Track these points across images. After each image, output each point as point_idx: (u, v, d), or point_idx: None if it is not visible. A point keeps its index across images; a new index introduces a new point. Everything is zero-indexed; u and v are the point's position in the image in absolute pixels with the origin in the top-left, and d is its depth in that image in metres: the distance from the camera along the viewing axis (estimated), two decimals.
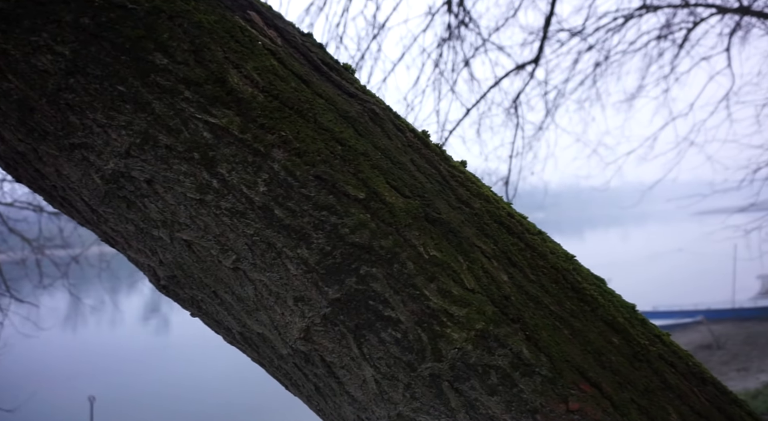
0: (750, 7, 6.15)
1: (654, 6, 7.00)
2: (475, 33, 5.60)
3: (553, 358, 0.57)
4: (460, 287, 0.57)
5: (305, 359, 0.58)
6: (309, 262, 0.55)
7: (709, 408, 0.63)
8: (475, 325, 0.56)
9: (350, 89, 0.65)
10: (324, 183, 0.56)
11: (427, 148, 0.67)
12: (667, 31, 7.18)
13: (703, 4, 6.84)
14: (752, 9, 6.26)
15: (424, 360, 0.55)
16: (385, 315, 0.55)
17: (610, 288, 0.73)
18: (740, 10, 6.53)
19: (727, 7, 6.61)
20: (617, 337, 0.63)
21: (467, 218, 0.62)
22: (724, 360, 10.68)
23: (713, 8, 6.87)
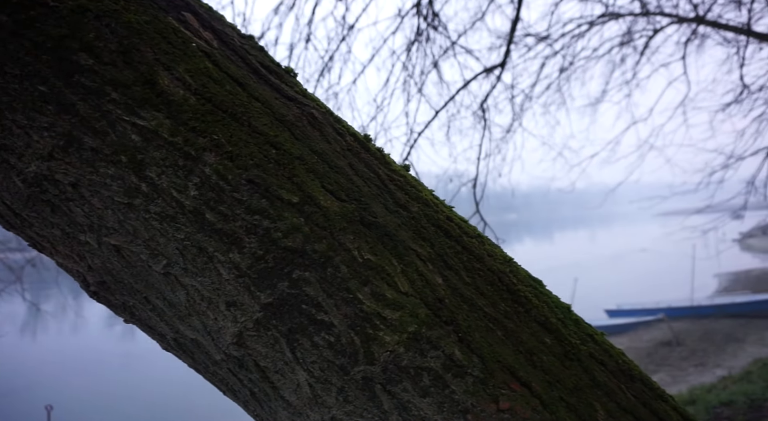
0: (704, 16, 6.43)
1: (616, 14, 7.24)
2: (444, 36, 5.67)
3: (485, 359, 0.59)
4: (394, 290, 0.58)
5: (239, 364, 0.58)
6: (241, 266, 0.55)
7: (635, 404, 0.65)
8: (407, 328, 0.57)
9: (289, 93, 0.65)
10: (257, 187, 0.56)
11: (367, 152, 0.68)
12: (629, 38, 7.44)
13: (662, 13, 7.12)
14: (706, 19, 6.54)
15: (357, 363, 0.56)
16: (318, 319, 0.56)
17: (547, 290, 0.75)
18: (696, 19, 6.82)
19: (683, 16, 6.89)
20: (550, 337, 0.65)
21: (404, 222, 0.63)
22: (683, 356, 11.10)
23: (671, 17, 7.15)
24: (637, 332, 14.01)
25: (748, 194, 8.27)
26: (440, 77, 5.81)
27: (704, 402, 4.00)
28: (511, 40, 4.81)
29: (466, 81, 5.19)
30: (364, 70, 5.93)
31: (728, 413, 3.60)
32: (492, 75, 5.46)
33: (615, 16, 7.30)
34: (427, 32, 5.67)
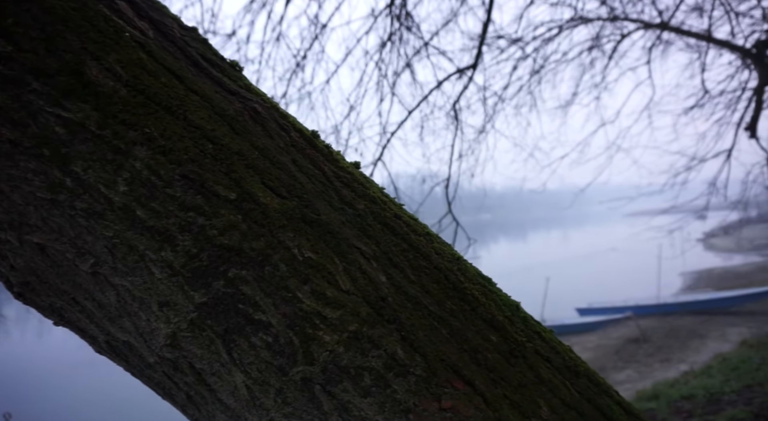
0: (668, 23, 6.64)
1: (585, 18, 7.41)
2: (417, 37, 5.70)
3: (428, 357, 0.58)
4: (335, 288, 0.57)
5: (173, 366, 0.56)
6: (174, 265, 0.53)
7: (579, 400, 0.66)
8: (348, 327, 0.56)
9: (231, 87, 0.63)
10: (191, 183, 0.54)
11: (313, 149, 0.67)
12: (597, 42, 7.62)
13: (629, 19, 7.32)
14: (670, 25, 6.76)
15: (296, 364, 0.54)
16: (256, 319, 0.54)
17: (497, 288, 0.75)
18: (661, 25, 7.04)
19: (649, 22, 7.10)
20: (495, 335, 0.65)
21: (349, 219, 0.62)
22: (650, 352, 11.43)
23: (638, 23, 7.36)
24: (606, 329, 14.36)
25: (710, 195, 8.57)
26: (414, 78, 5.83)
27: (666, 397, 4.12)
28: (482, 41, 4.86)
29: (439, 82, 5.22)
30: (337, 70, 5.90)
31: (688, 407, 3.72)
32: (464, 76, 5.51)
33: (584, 20, 7.46)
34: (400, 33, 5.69)
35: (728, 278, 20.40)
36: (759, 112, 7.68)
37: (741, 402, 3.52)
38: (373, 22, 5.69)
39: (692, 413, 3.55)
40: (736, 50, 7.42)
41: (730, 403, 3.57)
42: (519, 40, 7.21)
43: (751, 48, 7.32)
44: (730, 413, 3.31)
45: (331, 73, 5.89)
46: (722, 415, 3.33)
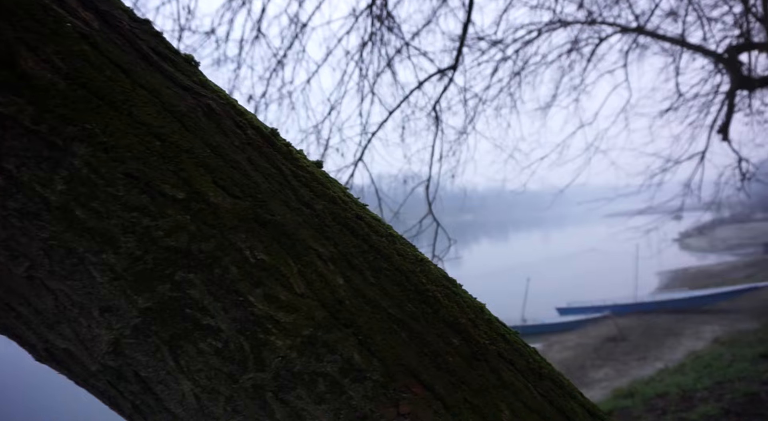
0: (644, 27, 6.77)
1: (564, 22, 7.51)
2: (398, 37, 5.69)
3: (386, 362, 0.56)
4: (289, 291, 0.55)
5: (117, 375, 0.53)
6: (116, 268, 0.50)
7: (541, 403, 0.65)
8: (302, 331, 0.54)
9: (185, 82, 0.61)
10: (136, 181, 0.51)
11: (271, 147, 0.64)
12: (576, 45, 7.73)
13: (607, 23, 7.44)
14: (646, 29, 6.89)
15: (247, 370, 0.52)
16: (204, 324, 0.52)
17: (462, 289, 0.74)
18: (637, 29, 7.18)
19: (626, 26, 7.23)
20: (457, 338, 0.64)
21: (306, 220, 0.60)
22: (627, 351, 11.64)
23: (615, 27, 7.49)
24: (586, 328, 14.59)
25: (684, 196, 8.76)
26: (395, 78, 5.82)
27: (642, 394, 4.19)
28: (462, 42, 4.88)
29: (420, 82, 5.23)
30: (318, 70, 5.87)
31: (662, 404, 3.79)
32: (445, 77, 5.53)
33: (563, 24, 7.56)
34: (381, 33, 5.68)
35: (702, 277, 20.92)
36: (731, 116, 7.89)
37: (712, 399, 3.59)
38: (354, 22, 5.67)
39: (666, 410, 3.62)
40: (709, 55, 7.61)
41: (702, 400, 3.64)
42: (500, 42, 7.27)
43: (723, 53, 7.51)
44: (701, 410, 3.38)
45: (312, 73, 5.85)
46: (694, 411, 3.40)
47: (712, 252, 29.75)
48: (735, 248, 30.00)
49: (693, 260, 27.50)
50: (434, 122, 5.28)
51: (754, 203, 35.62)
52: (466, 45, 6.63)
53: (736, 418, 3.18)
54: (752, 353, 4.58)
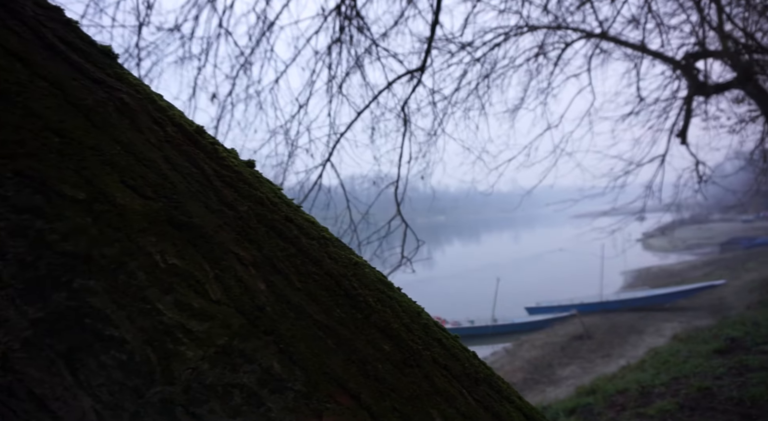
0: (607, 32, 6.97)
1: (532, 26, 7.65)
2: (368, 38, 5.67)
3: (309, 371, 0.54)
4: (203, 298, 0.51)
5: (8, 392, 0.49)
6: (2, 275, 0.46)
7: (475, 408, 0.64)
8: (216, 340, 0.50)
9: (96, 74, 0.57)
10: (28, 180, 0.47)
11: (193, 146, 0.61)
12: (543, 50, 7.88)
13: (572, 28, 7.62)
14: (609, 35, 7.09)
15: (154, 384, 0.49)
16: (106, 335, 0.48)
17: (399, 293, 0.72)
18: (601, 35, 7.38)
19: (590, 32, 7.42)
20: (389, 344, 0.62)
21: (228, 222, 0.57)
22: (592, 348, 11.95)
23: (581, 32, 7.68)
24: (554, 327, 14.90)
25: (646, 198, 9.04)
26: (364, 79, 5.81)
27: (603, 391, 4.29)
28: (430, 44, 4.90)
29: (388, 83, 5.22)
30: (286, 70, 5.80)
31: (622, 401, 3.88)
32: (414, 78, 5.54)
33: (531, 28, 7.70)
34: (350, 33, 5.65)
35: (664, 275, 21.69)
36: (688, 120, 8.20)
37: (669, 394, 3.71)
38: (322, 22, 5.63)
39: (625, 406, 3.71)
40: (668, 61, 7.89)
41: (659, 395, 3.75)
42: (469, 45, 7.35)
43: (681, 60, 7.81)
44: (658, 405, 3.47)
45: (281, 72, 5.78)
46: (652, 406, 3.50)
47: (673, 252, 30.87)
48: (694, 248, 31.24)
49: (655, 260, 28.48)
50: (403, 123, 5.28)
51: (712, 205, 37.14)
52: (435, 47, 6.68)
53: (690, 412, 3.29)
54: (706, 350, 4.76)
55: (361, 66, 5.66)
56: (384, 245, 5.83)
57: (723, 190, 9.61)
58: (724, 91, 7.89)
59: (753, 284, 15.30)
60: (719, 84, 7.70)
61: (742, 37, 7.40)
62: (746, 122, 10.30)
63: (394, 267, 5.85)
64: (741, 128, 10.51)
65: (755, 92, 7.58)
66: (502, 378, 0.74)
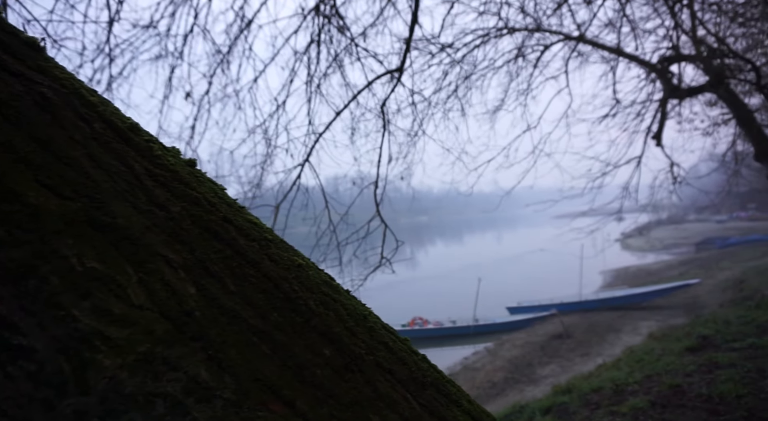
0: (584, 34, 7.07)
1: (512, 28, 7.72)
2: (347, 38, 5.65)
3: (240, 378, 0.52)
4: (125, 303, 0.49)
5: None
6: None
7: (420, 413, 0.62)
8: (137, 347, 0.48)
9: (13, 67, 0.54)
10: None
11: (123, 143, 0.58)
12: (522, 52, 7.96)
13: (551, 31, 7.71)
14: (586, 38, 7.19)
15: (66, 395, 0.46)
16: (14, 344, 0.45)
17: (347, 296, 0.71)
18: (578, 38, 7.48)
19: (568, 34, 7.52)
20: (330, 348, 0.60)
21: (157, 223, 0.54)
22: (572, 347, 12.11)
23: (559, 35, 7.78)
24: (534, 327, 15.06)
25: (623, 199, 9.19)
26: (344, 79, 5.78)
27: (578, 390, 4.34)
28: (408, 44, 4.90)
29: (368, 83, 5.20)
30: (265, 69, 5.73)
31: (597, 399, 3.93)
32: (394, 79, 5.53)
33: (510, 30, 7.77)
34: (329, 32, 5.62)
35: (641, 275, 22.13)
36: (663, 123, 8.37)
37: (641, 392, 3.76)
38: (302, 21, 5.58)
39: (600, 405, 3.76)
40: (643, 64, 8.04)
41: (633, 393, 3.81)
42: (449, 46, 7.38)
43: (657, 63, 7.96)
44: (631, 403, 3.52)
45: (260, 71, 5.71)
46: (625, 405, 3.54)
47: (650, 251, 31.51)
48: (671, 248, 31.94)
49: (633, 259, 29.04)
50: (382, 124, 5.26)
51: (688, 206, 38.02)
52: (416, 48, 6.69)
53: (661, 409, 3.34)
54: (679, 348, 4.85)
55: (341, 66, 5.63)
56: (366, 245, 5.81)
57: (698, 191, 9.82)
58: (697, 94, 8.07)
59: (726, 283, 15.71)
60: (692, 87, 7.87)
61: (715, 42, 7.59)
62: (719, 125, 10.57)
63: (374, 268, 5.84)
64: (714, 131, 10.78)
65: (726, 96, 7.77)
66: (453, 381, 0.73)
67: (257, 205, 6.15)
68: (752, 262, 19.34)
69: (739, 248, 25.75)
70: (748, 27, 8.76)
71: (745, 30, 8.98)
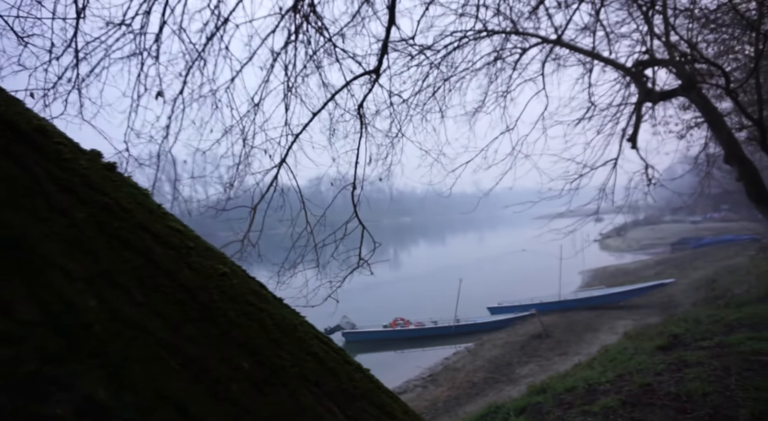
0: (561, 38, 7.15)
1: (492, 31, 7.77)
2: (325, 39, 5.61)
3: (143, 396, 0.49)
4: (11, 320, 0.45)
5: None
6: None
7: None
8: (23, 367, 0.45)
9: None
10: None
11: (27, 146, 0.55)
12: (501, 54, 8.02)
13: (529, 34, 7.79)
14: (563, 41, 7.29)
15: None
16: None
17: (281, 305, 0.68)
18: (556, 41, 7.57)
19: (546, 37, 7.61)
20: (249, 361, 0.57)
21: (57, 231, 0.51)
22: (550, 347, 12.24)
23: (537, 37, 7.86)
24: (514, 326, 15.19)
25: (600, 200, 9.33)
26: (322, 80, 5.74)
27: (553, 389, 4.37)
28: (385, 45, 4.88)
29: (344, 84, 5.17)
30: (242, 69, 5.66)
31: (570, 398, 3.96)
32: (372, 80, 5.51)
33: (489, 33, 7.82)
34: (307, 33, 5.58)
35: (619, 274, 22.52)
36: (638, 126, 8.52)
37: (613, 391, 3.81)
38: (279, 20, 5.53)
39: (572, 404, 3.79)
40: (619, 68, 8.18)
41: (604, 392, 3.85)
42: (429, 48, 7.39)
43: (632, 67, 8.11)
44: (602, 402, 3.56)
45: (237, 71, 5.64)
46: (596, 404, 3.58)
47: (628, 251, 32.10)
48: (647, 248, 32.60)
49: (612, 259, 29.53)
50: (360, 124, 5.23)
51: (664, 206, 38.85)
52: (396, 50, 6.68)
53: (632, 408, 3.38)
54: (651, 346, 4.93)
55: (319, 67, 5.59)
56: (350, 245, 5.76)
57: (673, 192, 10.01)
58: (670, 98, 8.24)
59: (699, 282, 16.08)
60: (666, 91, 8.03)
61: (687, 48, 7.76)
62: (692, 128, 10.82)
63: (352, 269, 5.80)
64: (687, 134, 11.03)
65: (698, 100, 7.94)
66: (389, 392, 0.71)
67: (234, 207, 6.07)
68: (724, 261, 19.86)
69: (712, 248, 26.41)
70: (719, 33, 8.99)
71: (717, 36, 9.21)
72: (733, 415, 3.02)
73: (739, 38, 8.56)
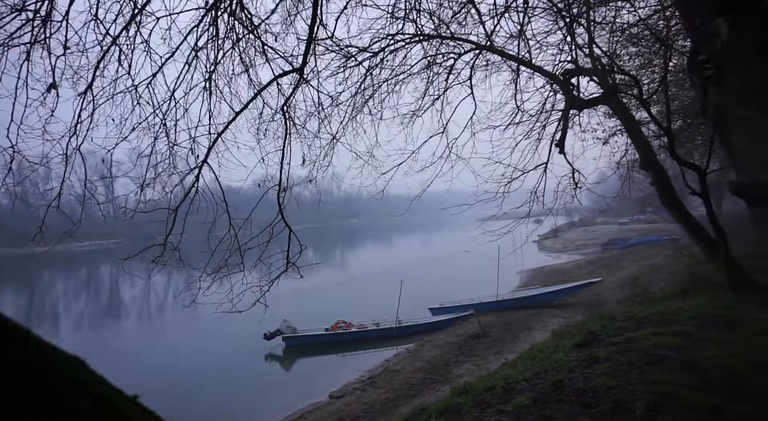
0: (492, 44, 7.34)
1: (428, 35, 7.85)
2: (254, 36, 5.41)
3: None
4: None
5: None
6: None
7: None
8: None
9: None
10: None
11: None
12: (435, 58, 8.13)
13: (463, 39, 7.94)
14: (494, 47, 7.48)
15: None
16: None
17: None
18: (488, 47, 7.77)
19: (478, 43, 7.79)
20: None
21: None
22: (487, 346, 12.54)
23: (470, 43, 8.02)
24: (454, 327, 15.45)
25: (532, 203, 9.67)
26: (250, 79, 5.54)
27: (474, 390, 4.43)
28: (309, 41, 4.78)
29: (269, 81, 5.02)
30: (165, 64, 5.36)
31: (488, 398, 4.02)
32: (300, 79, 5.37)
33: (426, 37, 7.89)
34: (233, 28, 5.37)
35: (555, 274, 23.55)
36: (566, 131, 8.90)
37: (527, 389, 3.90)
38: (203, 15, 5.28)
39: (490, 404, 3.84)
40: (547, 75, 8.51)
41: (520, 391, 3.94)
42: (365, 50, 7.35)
43: (559, 75, 8.46)
44: (517, 401, 3.63)
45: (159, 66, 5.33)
46: (511, 403, 3.65)
47: (563, 252, 33.70)
48: (581, 248, 34.37)
49: (549, 260, 30.87)
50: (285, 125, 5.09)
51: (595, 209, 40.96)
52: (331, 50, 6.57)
53: (542, 406, 3.47)
54: (570, 344, 5.12)
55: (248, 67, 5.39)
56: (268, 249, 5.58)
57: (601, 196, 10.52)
58: (593, 106, 8.68)
59: (624, 280, 17.10)
60: (589, 99, 8.45)
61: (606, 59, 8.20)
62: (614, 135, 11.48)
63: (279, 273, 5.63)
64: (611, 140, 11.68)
65: (617, 108, 8.43)
66: None
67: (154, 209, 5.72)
68: (647, 260, 21.26)
69: (638, 248, 28.23)
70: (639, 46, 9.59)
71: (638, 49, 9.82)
72: (632, 408, 3.16)
73: (657, 52, 9.16)
